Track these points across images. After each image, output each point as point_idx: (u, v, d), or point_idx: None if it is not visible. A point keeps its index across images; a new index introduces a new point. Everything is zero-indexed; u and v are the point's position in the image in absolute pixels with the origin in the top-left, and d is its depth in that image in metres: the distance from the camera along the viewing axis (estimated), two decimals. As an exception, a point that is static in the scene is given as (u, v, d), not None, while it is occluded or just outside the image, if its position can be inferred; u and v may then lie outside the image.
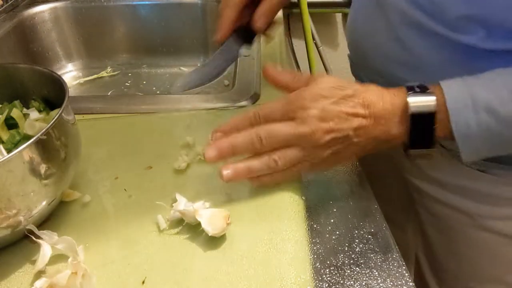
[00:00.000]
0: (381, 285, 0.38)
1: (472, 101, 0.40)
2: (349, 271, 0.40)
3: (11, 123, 0.48)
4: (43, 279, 0.37)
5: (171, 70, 0.96)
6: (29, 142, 0.38)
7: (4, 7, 0.90)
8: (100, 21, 0.95)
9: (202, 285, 0.38)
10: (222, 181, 0.44)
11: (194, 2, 0.94)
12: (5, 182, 0.37)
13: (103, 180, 0.50)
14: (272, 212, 0.45)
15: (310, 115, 0.41)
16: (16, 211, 0.39)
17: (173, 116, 0.61)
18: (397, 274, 0.39)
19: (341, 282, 0.39)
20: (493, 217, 0.54)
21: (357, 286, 0.38)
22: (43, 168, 0.40)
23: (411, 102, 0.41)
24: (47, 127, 0.39)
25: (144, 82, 0.92)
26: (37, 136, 0.38)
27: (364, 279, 0.39)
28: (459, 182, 0.55)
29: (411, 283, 0.39)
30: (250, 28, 0.56)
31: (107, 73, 0.94)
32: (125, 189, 0.49)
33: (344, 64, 0.67)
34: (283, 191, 0.47)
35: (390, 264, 0.40)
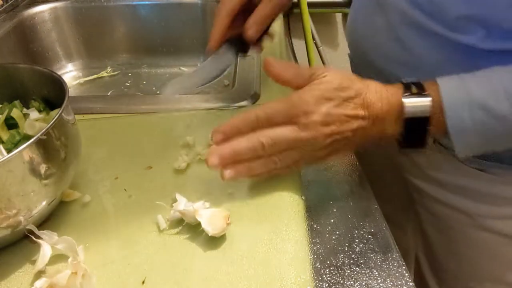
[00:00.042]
0: (381, 285, 0.38)
1: (468, 99, 0.40)
2: (349, 271, 0.40)
3: (11, 123, 0.48)
4: (43, 279, 0.37)
5: (171, 70, 0.96)
6: (29, 142, 0.38)
7: (4, 7, 0.90)
8: (100, 21, 0.95)
9: (202, 285, 0.38)
10: (222, 181, 0.44)
11: (194, 2, 0.94)
12: (5, 182, 0.37)
13: (103, 180, 0.50)
14: (272, 212, 0.45)
15: (313, 121, 0.42)
16: (16, 211, 0.39)
17: (173, 116, 0.61)
18: (397, 274, 0.39)
19: (341, 282, 0.39)
20: (492, 216, 0.55)
21: (357, 286, 0.38)
22: (43, 168, 0.40)
23: (406, 106, 0.42)
24: (47, 127, 0.39)
25: (144, 82, 0.92)
26: (37, 136, 0.38)
27: (364, 279, 0.39)
28: (458, 181, 0.55)
29: (411, 283, 0.39)
30: (244, 37, 0.54)
31: (107, 73, 0.94)
32: (125, 189, 0.49)
33: (344, 64, 0.67)
34: (283, 191, 0.47)
35: (390, 264, 0.40)
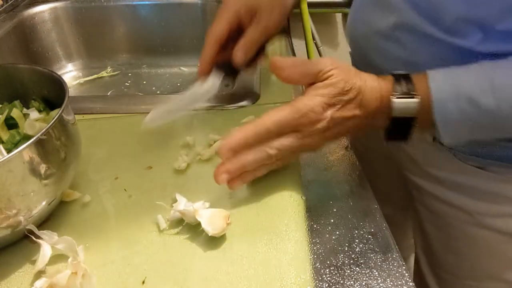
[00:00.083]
0: (381, 285, 0.38)
1: (456, 92, 0.42)
2: (349, 271, 0.40)
3: (11, 123, 0.49)
4: (43, 279, 0.37)
5: (171, 70, 0.96)
6: (29, 142, 0.38)
7: (4, 7, 0.90)
8: (100, 21, 0.95)
9: (202, 285, 0.38)
10: None
11: (194, 2, 0.94)
12: (5, 182, 0.37)
13: (103, 180, 0.50)
14: (272, 212, 0.45)
15: (318, 129, 0.43)
16: (16, 211, 0.39)
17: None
18: (397, 274, 0.39)
19: (341, 282, 0.39)
20: (491, 214, 0.55)
21: (357, 286, 0.38)
22: (43, 168, 0.40)
23: (395, 107, 0.43)
24: (47, 127, 0.39)
25: (144, 82, 0.92)
26: (37, 136, 0.38)
27: (364, 279, 0.39)
28: (457, 179, 0.55)
29: (411, 283, 0.39)
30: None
31: (107, 73, 0.94)
32: (125, 189, 0.49)
33: (344, 64, 0.67)
34: (283, 191, 0.47)
35: (390, 264, 0.40)
